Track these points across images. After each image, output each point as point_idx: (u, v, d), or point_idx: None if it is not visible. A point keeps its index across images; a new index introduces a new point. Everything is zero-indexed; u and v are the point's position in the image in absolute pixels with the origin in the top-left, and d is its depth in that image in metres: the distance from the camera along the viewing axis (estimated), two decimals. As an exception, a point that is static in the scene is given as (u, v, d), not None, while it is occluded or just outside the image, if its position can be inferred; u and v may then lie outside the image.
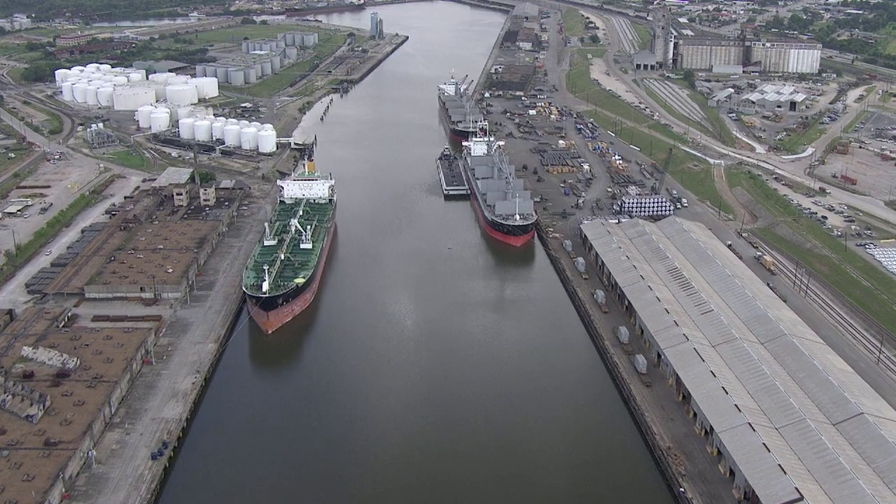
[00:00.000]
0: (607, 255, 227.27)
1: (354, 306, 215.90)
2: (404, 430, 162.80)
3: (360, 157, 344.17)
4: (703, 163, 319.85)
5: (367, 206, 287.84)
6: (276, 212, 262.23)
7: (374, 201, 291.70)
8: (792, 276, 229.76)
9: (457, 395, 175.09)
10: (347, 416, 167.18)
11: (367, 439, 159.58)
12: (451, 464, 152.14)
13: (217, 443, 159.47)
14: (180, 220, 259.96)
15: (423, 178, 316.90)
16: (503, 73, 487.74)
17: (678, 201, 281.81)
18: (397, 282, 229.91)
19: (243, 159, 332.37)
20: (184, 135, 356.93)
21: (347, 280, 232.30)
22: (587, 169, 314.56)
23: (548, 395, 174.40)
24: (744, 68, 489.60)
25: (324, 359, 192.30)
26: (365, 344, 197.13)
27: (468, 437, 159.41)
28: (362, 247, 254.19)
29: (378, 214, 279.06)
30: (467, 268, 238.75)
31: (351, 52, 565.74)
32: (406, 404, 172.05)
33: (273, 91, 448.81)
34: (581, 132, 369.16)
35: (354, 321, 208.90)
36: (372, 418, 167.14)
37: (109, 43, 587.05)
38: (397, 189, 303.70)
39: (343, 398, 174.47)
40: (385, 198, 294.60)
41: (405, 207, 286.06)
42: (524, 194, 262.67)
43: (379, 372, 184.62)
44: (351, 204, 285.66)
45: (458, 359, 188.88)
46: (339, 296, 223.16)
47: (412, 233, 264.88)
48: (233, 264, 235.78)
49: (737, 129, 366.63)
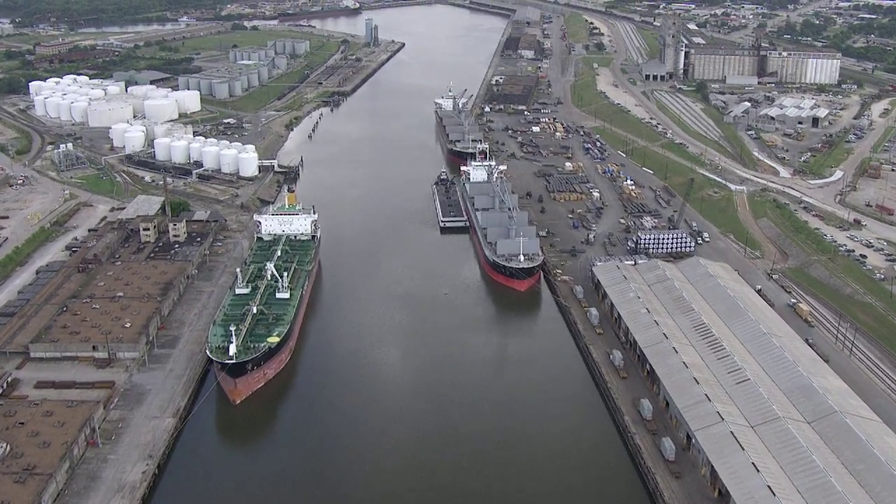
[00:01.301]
0: (624, 307, 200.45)
1: (337, 367, 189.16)
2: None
3: (349, 181, 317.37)
4: (723, 189, 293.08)
5: (355, 239, 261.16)
6: (253, 250, 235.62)
7: (363, 234, 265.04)
8: (833, 328, 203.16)
9: (450, 484, 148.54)
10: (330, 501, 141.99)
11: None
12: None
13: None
14: (145, 261, 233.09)
15: (418, 206, 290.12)
16: (504, 85, 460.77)
17: (699, 235, 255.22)
18: (386, 335, 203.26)
19: (222, 184, 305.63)
20: (160, 156, 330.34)
21: (330, 333, 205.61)
22: (597, 196, 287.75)
23: (557, 485, 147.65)
24: (759, 79, 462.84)
25: (301, 431, 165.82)
26: (348, 413, 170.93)
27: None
28: (348, 290, 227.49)
29: (367, 250, 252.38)
30: (465, 318, 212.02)
31: (344, 61, 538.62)
32: (395, 492, 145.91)
33: (259, 105, 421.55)
34: (589, 152, 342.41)
35: (337, 385, 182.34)
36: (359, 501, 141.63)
37: (91, 51, 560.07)
38: (389, 219, 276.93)
39: (326, 479, 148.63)
40: (375, 230, 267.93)
41: (397, 242, 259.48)
42: (529, 231, 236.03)
43: (366, 446, 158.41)
44: (337, 237, 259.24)
45: (452, 440, 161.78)
46: (320, 353, 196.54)
47: (404, 272, 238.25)
48: (200, 315, 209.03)
49: (757, 149, 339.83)
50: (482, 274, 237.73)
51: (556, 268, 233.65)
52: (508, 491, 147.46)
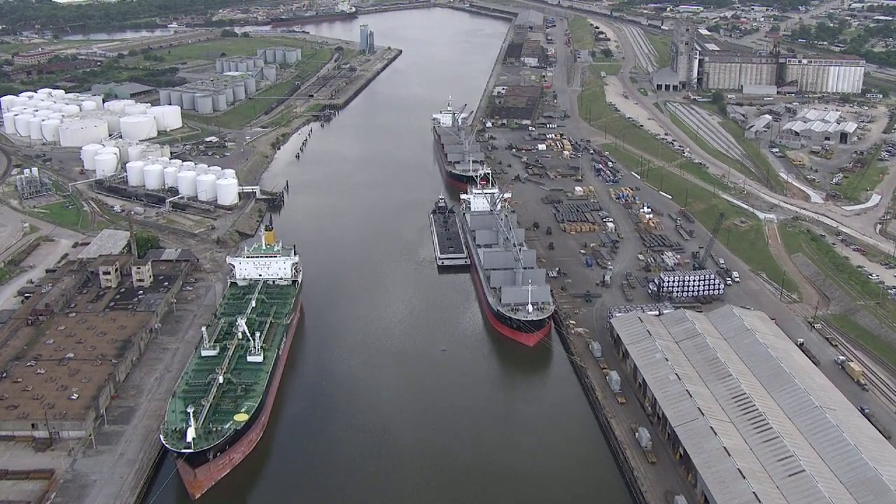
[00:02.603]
0: (650, 372, 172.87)
1: (316, 449, 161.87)
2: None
3: (338, 209, 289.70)
4: (751, 218, 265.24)
5: (343, 280, 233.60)
6: (225, 298, 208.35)
7: (352, 273, 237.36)
8: (891, 392, 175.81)
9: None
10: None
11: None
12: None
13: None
14: (104, 312, 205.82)
15: (413, 238, 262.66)
16: (507, 96, 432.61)
17: (727, 275, 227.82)
18: (373, 404, 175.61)
19: (198, 214, 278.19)
20: (132, 181, 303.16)
21: (311, 402, 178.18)
22: (612, 227, 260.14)
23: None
24: (778, 89, 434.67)
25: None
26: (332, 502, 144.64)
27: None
28: (333, 345, 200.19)
29: (356, 294, 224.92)
30: (464, 380, 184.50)
31: (337, 71, 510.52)
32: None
33: (245, 120, 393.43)
34: (600, 174, 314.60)
35: (315, 470, 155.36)
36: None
37: (72, 61, 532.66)
38: (381, 255, 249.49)
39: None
40: (366, 268, 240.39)
41: (390, 283, 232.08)
42: (538, 275, 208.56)
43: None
44: (323, 277, 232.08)
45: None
46: (299, 429, 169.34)
47: (398, 323, 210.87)
48: (161, 380, 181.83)
49: (784, 169, 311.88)
50: (485, 323, 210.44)
51: (569, 317, 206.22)
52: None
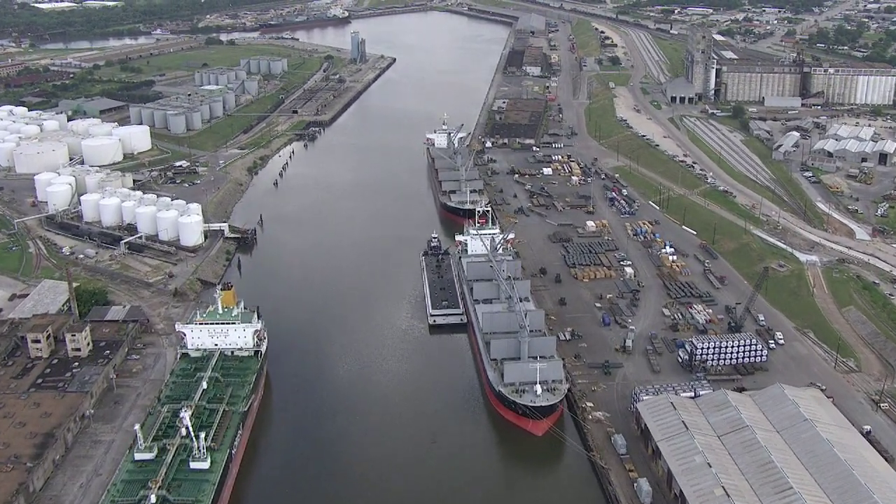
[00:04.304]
0: (690, 483, 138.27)
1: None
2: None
3: (318, 250, 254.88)
4: (790, 260, 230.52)
5: (317, 342, 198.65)
6: (174, 375, 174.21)
7: (330, 334, 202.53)
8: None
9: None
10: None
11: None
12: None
13: None
14: (27, 393, 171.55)
15: (402, 287, 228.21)
16: (508, 111, 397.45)
17: (770, 335, 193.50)
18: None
19: (157, 257, 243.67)
20: (87, 216, 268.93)
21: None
22: (630, 273, 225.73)
23: None
24: (803, 101, 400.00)
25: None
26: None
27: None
28: (302, 432, 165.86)
29: (333, 364, 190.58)
30: (457, 483, 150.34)
31: (325, 83, 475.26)
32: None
33: (221, 141, 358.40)
34: (614, 204, 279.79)
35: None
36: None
37: (44, 73, 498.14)
38: (365, 309, 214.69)
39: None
40: (346, 327, 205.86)
41: (374, 348, 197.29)
42: (547, 344, 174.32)
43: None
44: (295, 340, 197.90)
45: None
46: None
47: (379, 400, 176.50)
48: (87, 489, 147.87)
49: (820, 197, 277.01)
50: (484, 401, 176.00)
51: (585, 395, 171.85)
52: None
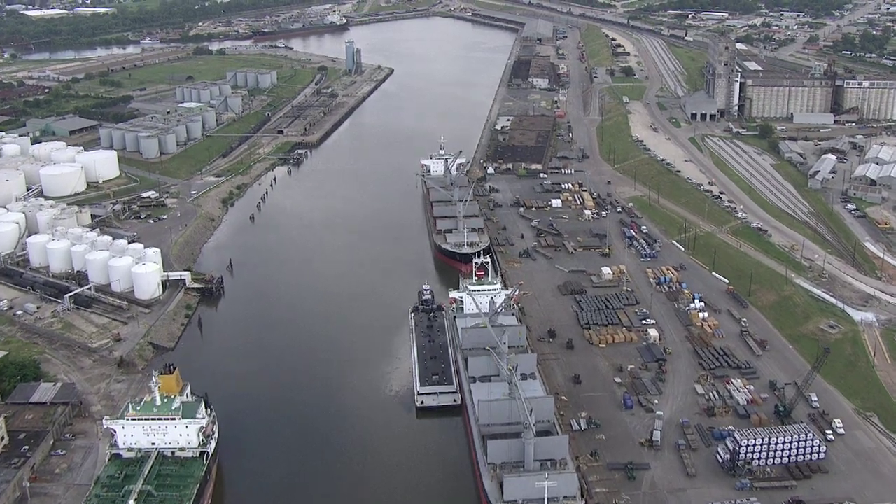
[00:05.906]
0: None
1: None
2: None
3: (292, 303, 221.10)
4: (842, 319, 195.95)
5: (284, 435, 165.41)
6: (98, 485, 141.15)
7: (298, 421, 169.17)
8: None
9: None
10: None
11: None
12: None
13: None
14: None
15: (388, 354, 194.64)
16: (513, 131, 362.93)
17: (826, 423, 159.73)
18: None
19: (106, 313, 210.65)
20: (35, 261, 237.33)
21: None
22: (655, 336, 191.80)
23: None
24: (835, 117, 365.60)
25: None
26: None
27: None
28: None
29: (299, 462, 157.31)
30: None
31: (316, 98, 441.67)
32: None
33: (196, 166, 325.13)
34: (633, 244, 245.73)
35: None
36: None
37: (18, 88, 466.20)
38: (339, 388, 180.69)
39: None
40: (318, 412, 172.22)
41: (348, 442, 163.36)
42: (558, 445, 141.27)
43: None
44: (256, 430, 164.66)
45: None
46: None
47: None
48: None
49: (869, 236, 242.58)
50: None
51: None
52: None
